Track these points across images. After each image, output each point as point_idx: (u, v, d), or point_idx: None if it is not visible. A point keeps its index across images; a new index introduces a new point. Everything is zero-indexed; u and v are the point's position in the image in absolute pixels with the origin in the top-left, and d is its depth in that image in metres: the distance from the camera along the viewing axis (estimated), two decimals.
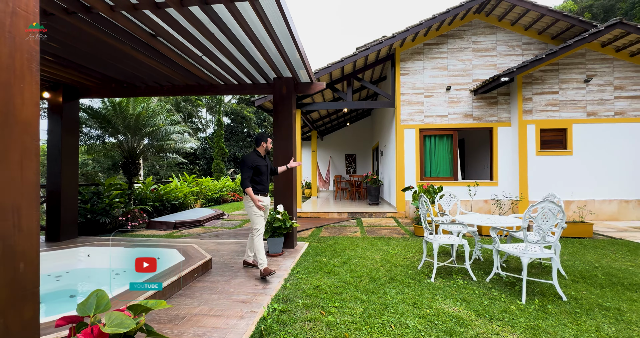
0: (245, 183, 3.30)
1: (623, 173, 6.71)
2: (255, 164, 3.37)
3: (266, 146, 3.55)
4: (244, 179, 3.32)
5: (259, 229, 3.34)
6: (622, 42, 6.51)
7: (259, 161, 3.42)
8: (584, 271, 3.43)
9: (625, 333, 2.13)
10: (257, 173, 3.40)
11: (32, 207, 0.84)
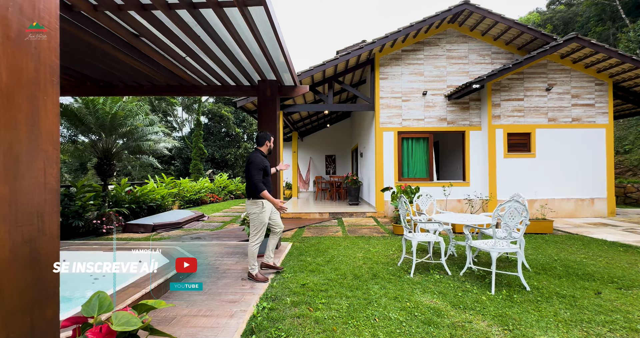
0: (259, 185, 3.08)
1: (579, 174, 7.36)
2: (265, 165, 3.22)
3: (270, 145, 3.39)
4: (256, 182, 3.09)
5: (259, 238, 3.19)
6: (579, 55, 7.14)
7: (265, 162, 3.27)
8: (545, 263, 3.78)
9: (577, 317, 2.41)
10: (264, 174, 3.23)
11: (54, 212, 0.89)
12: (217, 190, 12.53)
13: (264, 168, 3.19)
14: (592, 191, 7.40)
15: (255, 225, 3.20)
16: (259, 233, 3.20)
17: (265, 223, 3.21)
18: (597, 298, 2.76)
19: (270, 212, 3.29)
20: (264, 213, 3.19)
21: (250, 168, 3.14)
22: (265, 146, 3.38)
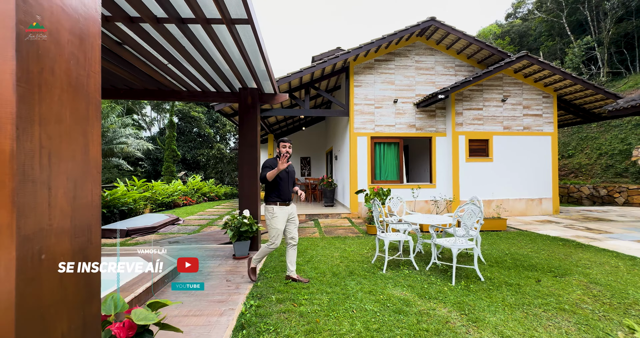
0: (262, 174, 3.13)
1: (529, 176, 8.24)
2: (271, 164, 3.20)
3: (279, 151, 3.24)
4: (261, 175, 3.15)
5: (274, 244, 3.26)
6: (529, 70, 8.00)
7: (275, 163, 3.21)
8: (498, 257, 4.31)
9: (520, 301, 2.87)
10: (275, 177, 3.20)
11: (98, 225, 1.08)
12: (191, 193, 12.30)
13: (270, 165, 3.20)
14: (540, 192, 8.31)
15: (269, 232, 3.27)
16: (274, 240, 3.24)
17: (278, 230, 3.22)
18: (537, 285, 3.27)
19: (284, 219, 3.27)
20: (276, 219, 3.22)
21: (261, 169, 3.27)
22: (277, 150, 3.31)
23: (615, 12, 18.68)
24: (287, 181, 3.31)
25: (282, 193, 3.25)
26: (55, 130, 0.90)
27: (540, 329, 2.38)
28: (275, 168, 3.07)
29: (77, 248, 0.98)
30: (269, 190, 3.27)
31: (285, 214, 3.28)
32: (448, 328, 2.39)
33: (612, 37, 19.12)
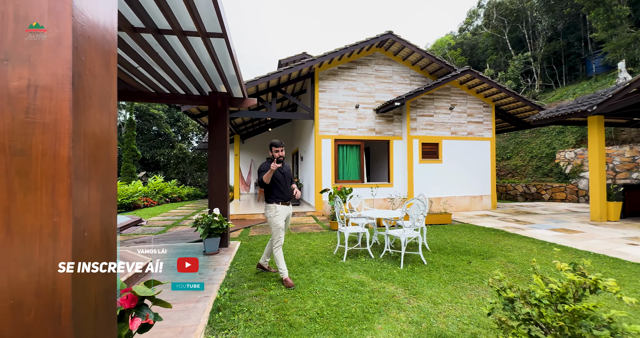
0: (259, 177, 3.32)
1: (472, 176, 9.33)
2: (268, 168, 3.33)
3: (272, 154, 3.41)
4: (259, 178, 3.35)
5: (278, 241, 3.35)
6: (472, 83, 9.08)
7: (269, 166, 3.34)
8: (440, 245, 5.02)
9: (453, 278, 3.51)
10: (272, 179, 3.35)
11: (115, 213, 1.38)
12: (152, 194, 11.92)
13: (264, 169, 3.39)
14: (481, 190, 9.45)
15: (272, 229, 3.38)
16: (276, 236, 3.35)
17: (279, 227, 3.35)
18: (468, 266, 3.96)
19: (284, 217, 3.42)
20: (277, 217, 3.35)
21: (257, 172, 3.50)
22: (270, 153, 3.47)
23: (546, 32, 21.33)
24: (285, 181, 3.45)
25: (282, 192, 3.39)
26: (92, 141, 1.20)
27: (464, 297, 2.99)
28: (269, 170, 3.25)
29: (103, 229, 1.29)
30: (269, 191, 3.40)
31: (285, 212, 3.43)
32: (394, 301, 2.92)
33: (544, 54, 21.81)
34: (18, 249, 1.05)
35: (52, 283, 1.07)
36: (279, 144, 3.43)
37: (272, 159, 3.37)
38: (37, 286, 1.06)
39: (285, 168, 3.55)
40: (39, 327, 1.06)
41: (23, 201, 1.05)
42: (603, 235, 5.64)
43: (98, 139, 1.25)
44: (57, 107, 1.07)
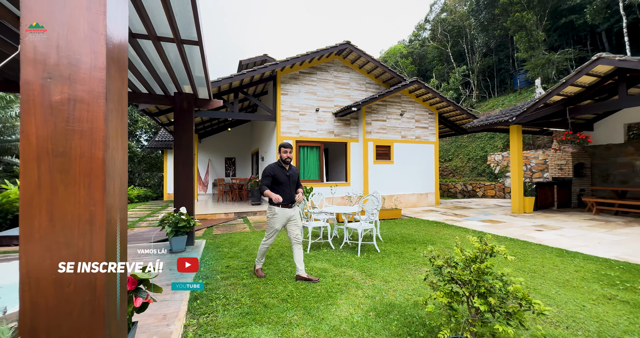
0: (262, 188, 3.36)
1: (419, 176, 10.40)
2: (272, 173, 3.39)
3: (280, 155, 3.49)
4: (260, 186, 3.38)
5: (268, 239, 3.52)
6: (419, 92, 10.13)
7: (275, 170, 3.42)
8: (391, 236, 5.70)
9: (401, 262, 4.13)
10: (275, 181, 3.42)
11: (126, 203, 1.63)
12: None
13: (271, 175, 3.39)
14: (426, 188, 10.57)
15: (267, 230, 3.53)
16: (269, 236, 3.50)
17: (275, 229, 3.46)
18: (413, 252, 4.63)
19: (284, 221, 3.46)
20: (275, 219, 3.42)
21: (260, 176, 3.51)
22: (278, 154, 3.53)
23: (481, 49, 24.08)
24: (289, 185, 3.46)
25: (284, 195, 3.39)
26: (114, 144, 1.45)
27: (409, 276, 3.60)
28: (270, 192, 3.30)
29: (122, 218, 1.54)
30: (278, 191, 3.41)
31: (286, 215, 3.45)
32: (352, 282, 3.41)
33: (480, 68, 24.61)
34: (60, 233, 1.29)
35: (90, 259, 1.32)
36: (288, 145, 3.48)
37: (279, 162, 3.49)
38: (76, 263, 1.30)
39: (292, 170, 3.56)
40: (77, 297, 1.31)
41: (64, 194, 1.30)
42: (519, 224, 6.84)
43: (117, 143, 1.51)
44: (93, 118, 1.33)
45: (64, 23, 1.30)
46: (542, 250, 4.64)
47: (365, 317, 2.61)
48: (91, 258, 1.33)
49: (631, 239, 5.29)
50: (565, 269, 3.78)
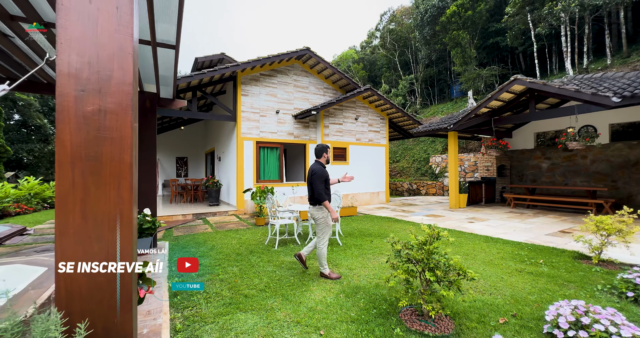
0: (323, 195, 3.42)
1: (372, 176, 11.26)
2: (326, 176, 3.53)
3: (327, 157, 3.69)
4: (320, 192, 3.42)
5: (326, 239, 3.53)
6: (372, 98, 10.97)
7: (327, 173, 3.57)
8: (350, 231, 6.24)
9: (360, 253, 4.65)
10: (327, 183, 3.55)
11: (136, 202, 1.80)
12: (26, 198, 9.84)
13: (325, 179, 3.52)
14: (378, 187, 11.47)
15: (322, 229, 3.54)
16: (326, 235, 3.54)
17: (330, 226, 3.56)
18: (371, 244, 5.20)
19: (324, 220, 3.57)
20: (328, 218, 3.54)
21: (314, 178, 3.46)
22: (324, 158, 3.67)
23: (424, 60, 26.44)
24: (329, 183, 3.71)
25: (329, 196, 3.64)
26: (135, 149, 1.64)
27: (370, 264, 4.12)
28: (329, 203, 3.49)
29: (138, 211, 1.72)
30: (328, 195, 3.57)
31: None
32: None
33: (423, 77, 27.01)
34: (92, 229, 1.48)
35: (117, 253, 1.52)
36: (327, 146, 3.76)
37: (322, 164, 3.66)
38: (107, 255, 1.49)
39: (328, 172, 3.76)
40: (109, 285, 1.50)
41: (95, 194, 1.48)
42: (455, 217, 7.95)
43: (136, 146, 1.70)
44: (122, 127, 1.53)
45: (95, 43, 1.47)
46: (473, 238, 5.58)
47: (337, 298, 3.03)
48: (122, 249, 1.51)
49: (536, 226, 6.59)
50: (489, 251, 4.67)
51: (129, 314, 1.50)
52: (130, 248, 1.52)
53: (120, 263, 1.49)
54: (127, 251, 1.51)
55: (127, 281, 1.51)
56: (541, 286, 3.28)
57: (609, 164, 8.98)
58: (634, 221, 6.04)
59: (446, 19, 19.76)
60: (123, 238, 1.50)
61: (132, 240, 1.53)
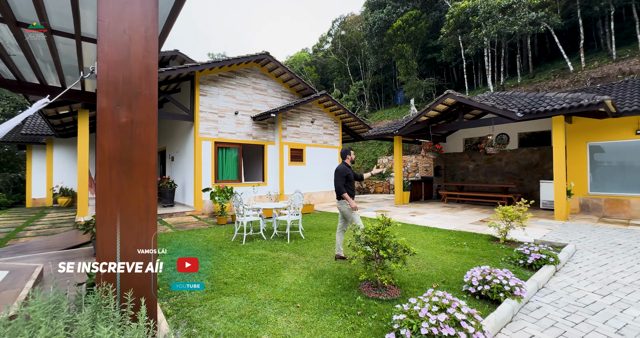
0: (342, 189, 4.09)
1: (326, 176, 11.98)
2: (347, 173, 4.16)
3: (351, 157, 4.39)
4: (339, 186, 4.11)
5: (361, 223, 3.91)
6: (326, 103, 11.70)
7: (348, 171, 4.21)
8: (310, 226, 6.81)
9: (321, 244, 5.23)
10: (347, 180, 4.15)
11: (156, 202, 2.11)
12: None
13: (346, 175, 4.16)
14: (332, 186, 12.24)
15: (353, 217, 4.13)
16: (360, 222, 4.00)
17: (359, 214, 4.22)
18: (330, 236, 5.82)
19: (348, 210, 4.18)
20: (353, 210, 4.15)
21: (335, 175, 4.19)
22: (347, 159, 4.36)
23: (372, 68, 28.28)
24: (353, 181, 4.33)
25: (353, 190, 4.29)
26: None
27: (330, 252, 4.72)
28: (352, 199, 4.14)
29: None
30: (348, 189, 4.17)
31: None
32: (289, 260, 4.29)
33: (372, 83, 28.87)
34: (125, 219, 1.80)
35: (145, 240, 1.86)
36: (350, 149, 4.48)
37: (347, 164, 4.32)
38: (136, 242, 1.83)
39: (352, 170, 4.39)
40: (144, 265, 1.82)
41: (128, 191, 1.81)
42: (400, 212, 9.03)
43: None
44: (149, 135, 1.88)
45: (128, 65, 1.80)
46: (414, 228, 6.56)
47: (307, 279, 3.56)
48: (147, 238, 1.85)
49: (463, 217, 7.92)
50: (427, 238, 5.63)
51: (154, 291, 1.84)
52: (155, 236, 1.86)
53: (148, 247, 1.82)
54: (153, 238, 1.85)
55: (154, 262, 1.85)
56: (463, 261, 4.21)
57: (517, 166, 10.99)
58: (529, 210, 7.58)
59: (392, 32, 21.56)
60: (150, 227, 1.84)
61: (155, 229, 1.86)
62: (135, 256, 1.79)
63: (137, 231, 1.80)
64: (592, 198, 8.24)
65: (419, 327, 2.09)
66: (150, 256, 1.84)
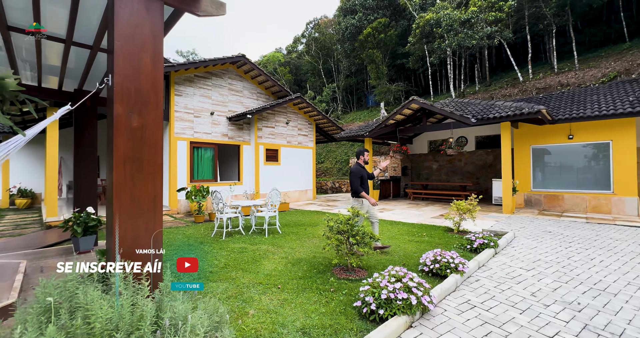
0: (359, 188, 4.48)
1: (301, 175, 12.41)
2: (361, 174, 4.52)
3: (364, 158, 4.70)
4: (356, 186, 4.48)
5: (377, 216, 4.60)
6: (301, 105, 12.13)
7: (362, 171, 4.56)
8: (286, 222, 7.20)
9: (297, 237, 5.66)
10: (362, 180, 4.50)
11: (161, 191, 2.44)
12: None
13: (360, 175, 4.52)
14: (306, 185, 12.70)
15: (372, 213, 4.60)
16: (377, 215, 4.63)
17: (373, 207, 4.63)
18: (305, 231, 6.27)
19: (367, 206, 4.59)
20: (364, 205, 4.56)
21: (350, 177, 4.56)
22: (361, 159, 4.70)
23: (345, 71, 29.13)
24: (367, 180, 4.69)
25: (366, 188, 4.64)
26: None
27: (306, 244, 5.16)
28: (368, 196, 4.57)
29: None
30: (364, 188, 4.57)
31: (367, 203, 4.62)
32: (269, 252, 4.68)
33: (344, 86, 29.71)
34: (137, 208, 2.14)
35: (152, 226, 2.20)
36: (367, 150, 4.83)
37: (361, 165, 4.67)
38: (146, 227, 2.18)
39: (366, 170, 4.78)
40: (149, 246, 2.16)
41: (139, 185, 2.15)
42: None
43: None
44: (155, 137, 2.22)
45: (138, 78, 2.14)
46: (382, 222, 7.19)
47: (285, 267, 3.97)
48: (155, 225, 2.19)
49: (426, 213, 8.72)
50: (393, 230, 6.25)
51: (161, 268, 2.18)
52: (161, 222, 2.20)
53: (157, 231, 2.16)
54: (159, 224, 2.19)
55: (159, 243, 2.18)
56: (422, 248, 4.85)
57: (475, 166, 12.13)
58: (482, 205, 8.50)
59: (363, 38, 22.46)
60: (157, 214, 2.17)
61: (161, 216, 2.20)
62: (145, 238, 2.12)
63: (147, 218, 2.13)
64: (534, 194, 9.42)
65: (379, 294, 2.60)
66: (157, 239, 2.18)
